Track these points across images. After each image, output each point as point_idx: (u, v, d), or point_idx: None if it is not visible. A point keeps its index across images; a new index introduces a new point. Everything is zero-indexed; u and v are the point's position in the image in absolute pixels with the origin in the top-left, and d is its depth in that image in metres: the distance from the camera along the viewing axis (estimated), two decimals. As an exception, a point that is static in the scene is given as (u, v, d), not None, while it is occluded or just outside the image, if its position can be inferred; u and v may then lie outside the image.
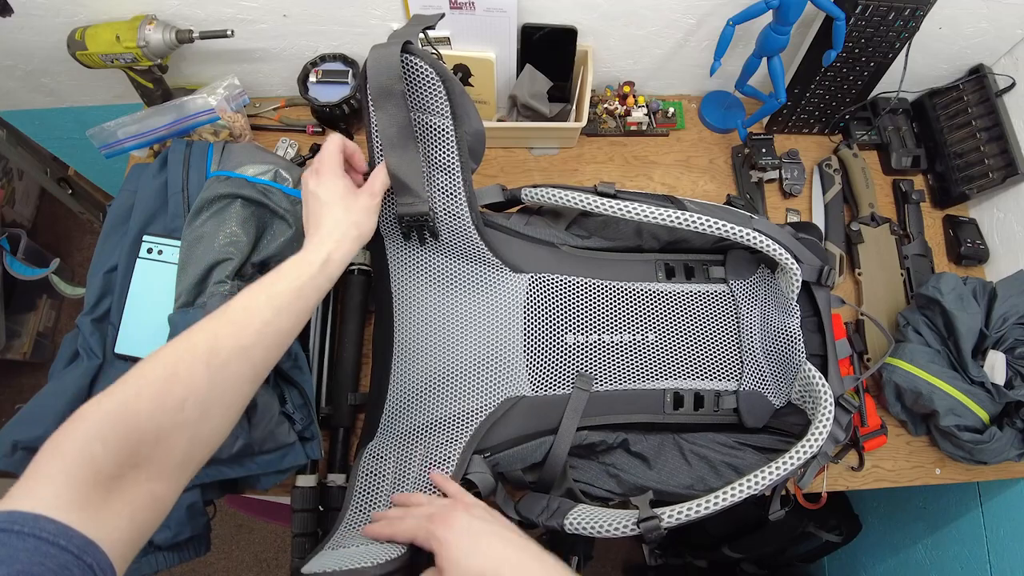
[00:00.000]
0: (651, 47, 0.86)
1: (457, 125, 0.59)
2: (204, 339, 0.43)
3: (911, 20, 0.76)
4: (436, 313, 0.69)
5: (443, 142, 0.60)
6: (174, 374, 0.40)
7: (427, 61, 0.55)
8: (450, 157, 0.60)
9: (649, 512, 0.56)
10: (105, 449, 0.35)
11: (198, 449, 0.42)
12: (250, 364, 0.45)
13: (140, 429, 0.37)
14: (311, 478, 0.66)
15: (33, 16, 0.73)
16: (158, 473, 0.38)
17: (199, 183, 0.68)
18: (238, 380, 0.44)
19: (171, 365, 0.41)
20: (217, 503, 0.66)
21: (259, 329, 0.45)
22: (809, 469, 0.70)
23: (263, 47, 0.81)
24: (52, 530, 0.31)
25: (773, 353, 0.70)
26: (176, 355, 0.42)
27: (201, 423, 0.41)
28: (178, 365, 0.41)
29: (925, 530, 1.02)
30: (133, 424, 0.37)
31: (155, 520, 0.39)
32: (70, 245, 1.69)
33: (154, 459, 0.38)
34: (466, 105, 0.59)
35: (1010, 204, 0.87)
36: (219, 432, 0.44)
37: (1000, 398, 0.72)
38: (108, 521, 0.34)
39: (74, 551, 0.31)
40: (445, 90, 0.57)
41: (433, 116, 0.58)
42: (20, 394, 1.56)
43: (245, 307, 0.47)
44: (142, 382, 0.39)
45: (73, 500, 0.33)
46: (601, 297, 0.70)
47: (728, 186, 0.92)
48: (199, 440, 0.42)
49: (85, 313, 0.66)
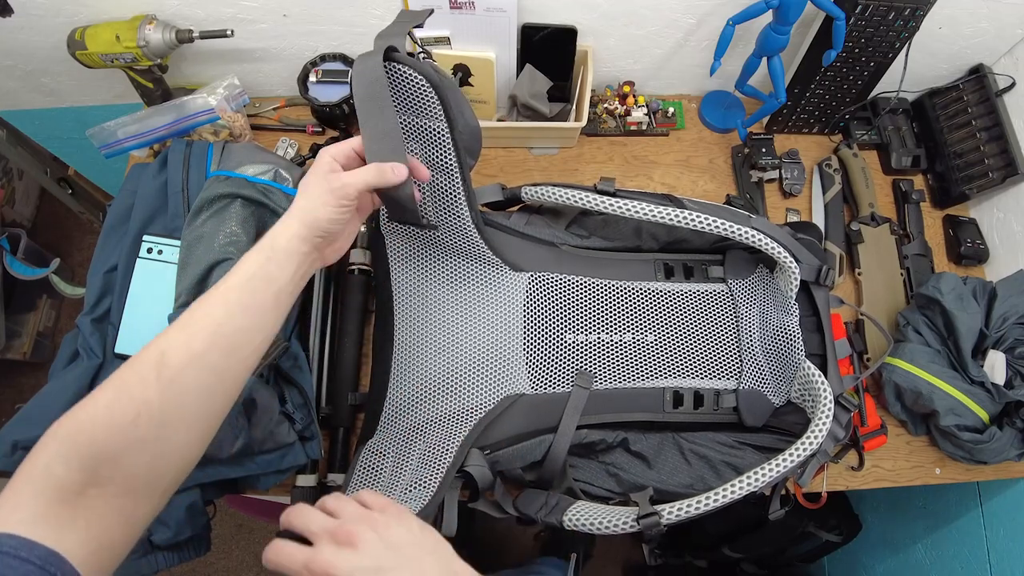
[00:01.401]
0: (651, 47, 0.86)
1: (452, 126, 0.58)
2: (155, 351, 0.40)
3: (911, 20, 0.76)
4: (436, 311, 0.69)
5: (439, 144, 0.59)
6: (125, 391, 0.39)
7: (412, 66, 0.53)
8: (447, 157, 0.60)
9: (649, 508, 0.56)
10: (67, 468, 0.35)
11: (165, 465, 0.40)
12: (209, 371, 0.41)
13: (96, 448, 0.36)
14: (311, 478, 0.66)
15: (33, 16, 0.73)
16: (123, 490, 0.37)
17: (199, 183, 0.68)
18: (197, 390, 0.41)
19: (122, 381, 0.39)
20: (217, 503, 0.66)
21: (212, 331, 0.42)
22: (809, 467, 0.70)
23: (263, 47, 0.81)
24: (14, 544, 0.32)
25: (772, 352, 0.70)
26: (129, 370, 0.40)
27: (162, 439, 0.39)
28: (128, 381, 0.39)
29: (925, 530, 1.02)
30: (88, 443, 0.36)
31: (128, 534, 0.38)
32: (70, 245, 1.69)
33: (116, 477, 0.37)
34: (459, 103, 0.58)
35: (1010, 204, 0.87)
36: (187, 447, 0.41)
37: (1000, 398, 0.72)
38: (74, 535, 0.35)
39: (36, 562, 0.31)
40: (435, 93, 0.55)
41: (426, 119, 0.57)
42: (20, 394, 1.56)
43: (196, 311, 0.43)
44: (98, 402, 0.38)
45: (38, 516, 0.34)
46: (601, 296, 0.70)
47: (728, 186, 0.92)
48: (164, 456, 0.40)
49: (85, 313, 0.66)
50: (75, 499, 0.35)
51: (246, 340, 0.44)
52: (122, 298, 0.66)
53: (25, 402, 0.61)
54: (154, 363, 0.40)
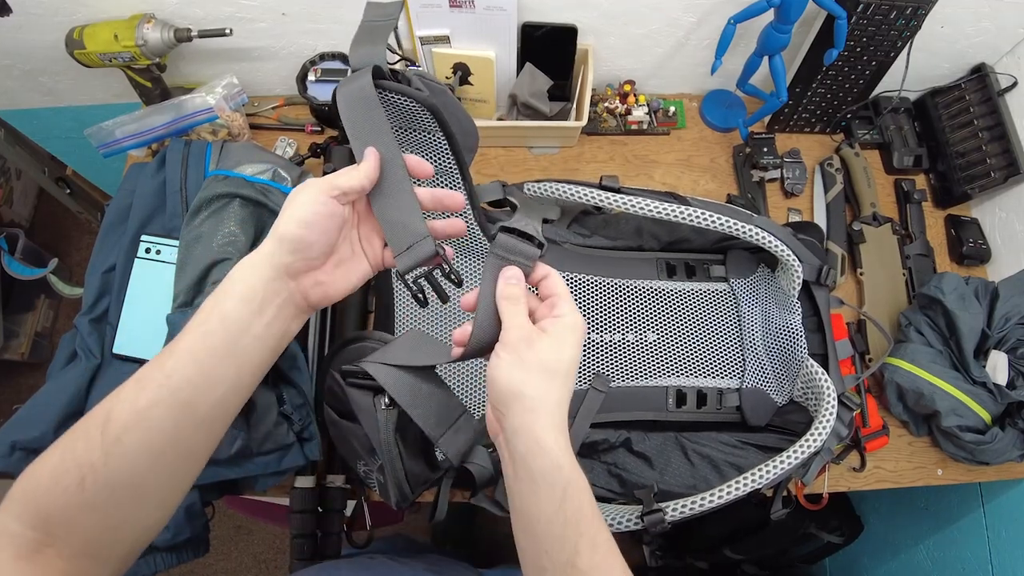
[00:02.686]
0: (652, 46, 0.85)
1: (449, 134, 0.57)
2: (104, 407, 0.36)
3: (913, 19, 0.76)
4: (437, 310, 0.69)
5: (437, 151, 0.59)
6: (71, 453, 0.35)
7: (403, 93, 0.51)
8: (447, 162, 0.60)
9: (653, 505, 0.56)
10: (21, 527, 0.34)
11: (121, 531, 0.37)
12: (157, 432, 0.36)
13: (47, 511, 0.35)
14: (310, 479, 0.66)
15: (31, 15, 0.73)
16: (79, 553, 0.35)
17: (197, 182, 0.68)
18: (145, 453, 0.36)
19: (71, 441, 0.36)
20: (216, 504, 0.66)
21: (158, 385, 0.36)
22: (812, 466, 0.70)
23: (262, 46, 0.81)
24: None
25: (775, 351, 0.70)
26: (80, 429, 0.36)
27: (112, 504, 0.35)
28: (76, 442, 0.36)
29: (927, 531, 1.02)
30: (38, 506, 0.35)
31: None
32: (68, 245, 1.69)
33: (70, 539, 0.35)
34: (452, 110, 0.56)
35: (1012, 203, 0.87)
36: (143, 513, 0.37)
37: (1002, 398, 0.72)
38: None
39: None
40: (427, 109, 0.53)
41: (421, 132, 0.57)
42: (18, 395, 1.56)
43: (152, 361, 0.37)
44: (46, 464, 0.36)
45: None
46: (603, 295, 0.70)
47: (729, 185, 0.91)
48: (118, 522, 0.36)
49: (83, 313, 0.66)
50: (33, 556, 0.34)
51: (200, 397, 0.37)
52: (120, 298, 0.66)
53: (23, 403, 0.60)
54: (100, 423, 0.35)
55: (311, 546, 0.65)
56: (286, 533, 0.69)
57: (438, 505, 0.62)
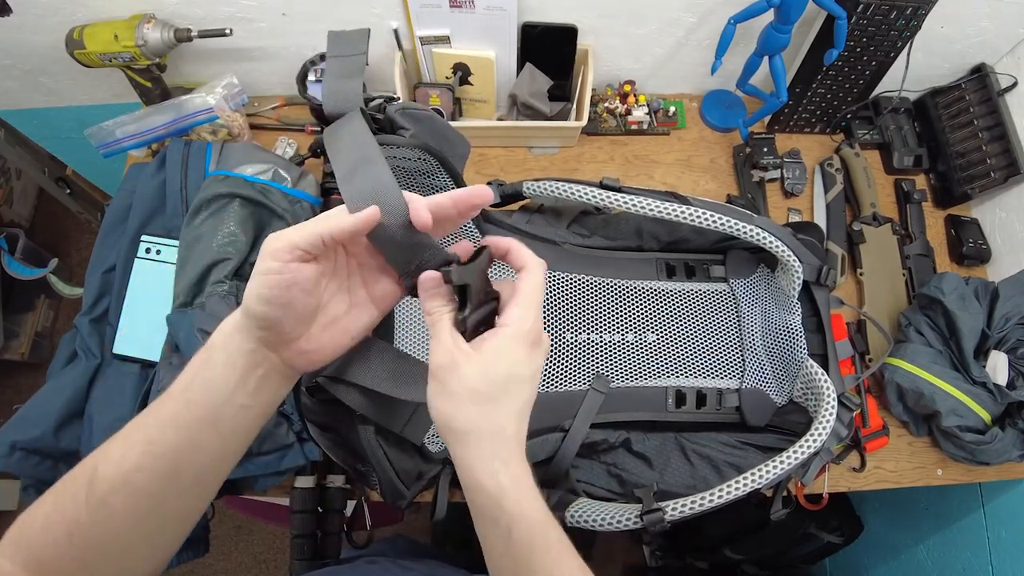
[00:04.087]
0: (652, 46, 0.85)
1: (442, 161, 0.57)
2: (89, 465, 0.35)
3: (913, 19, 0.76)
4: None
5: (433, 175, 0.59)
6: (59, 507, 0.35)
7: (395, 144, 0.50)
8: (444, 182, 0.60)
9: (653, 504, 0.56)
10: (14, 568, 0.34)
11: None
12: (142, 495, 0.35)
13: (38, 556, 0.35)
14: (310, 479, 0.66)
15: (32, 15, 0.73)
16: None
17: (197, 182, 0.68)
18: (130, 515, 0.35)
19: (61, 492, 0.35)
20: (216, 504, 0.66)
21: (143, 449, 0.35)
22: (812, 466, 0.70)
23: (262, 46, 0.81)
24: None
25: (775, 351, 0.70)
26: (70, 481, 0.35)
27: (100, 561, 0.35)
28: (64, 496, 0.35)
29: (927, 531, 1.02)
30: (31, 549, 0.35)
31: None
32: (68, 245, 1.69)
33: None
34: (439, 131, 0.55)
35: (1012, 204, 0.87)
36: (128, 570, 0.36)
37: (1002, 399, 0.72)
38: None
39: None
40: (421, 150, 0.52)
41: (415, 163, 0.57)
42: (18, 394, 1.56)
43: (137, 419, 0.36)
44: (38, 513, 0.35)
45: None
46: (602, 295, 0.70)
47: (729, 185, 0.91)
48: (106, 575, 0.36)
49: (83, 313, 0.66)
50: None
51: (185, 462, 0.36)
52: (120, 298, 0.66)
53: (23, 403, 0.60)
54: (86, 480, 0.35)
55: (311, 546, 0.65)
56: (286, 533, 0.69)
57: (437, 504, 0.62)
